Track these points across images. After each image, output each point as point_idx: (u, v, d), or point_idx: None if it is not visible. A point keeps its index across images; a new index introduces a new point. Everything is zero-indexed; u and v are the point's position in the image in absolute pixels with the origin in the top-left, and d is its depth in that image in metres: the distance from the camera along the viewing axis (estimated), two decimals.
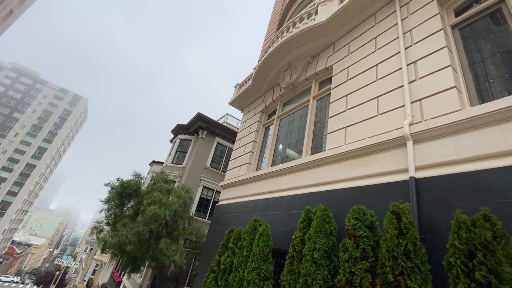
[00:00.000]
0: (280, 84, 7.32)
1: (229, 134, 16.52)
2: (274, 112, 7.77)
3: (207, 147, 15.96)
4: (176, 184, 14.38)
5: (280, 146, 6.97)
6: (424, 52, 3.72)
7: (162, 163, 18.87)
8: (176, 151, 16.50)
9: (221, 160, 16.30)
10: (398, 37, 4.25)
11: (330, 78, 5.65)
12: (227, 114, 16.97)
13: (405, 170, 3.20)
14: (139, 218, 10.27)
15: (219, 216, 7.13)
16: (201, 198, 14.93)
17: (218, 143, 16.36)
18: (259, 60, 7.97)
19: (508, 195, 2.30)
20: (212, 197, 15.33)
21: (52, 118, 75.66)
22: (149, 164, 21.40)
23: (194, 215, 13.69)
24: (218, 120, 17.31)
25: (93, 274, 40.26)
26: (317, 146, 5.44)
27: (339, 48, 5.67)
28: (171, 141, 18.83)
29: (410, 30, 4.15)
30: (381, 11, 4.96)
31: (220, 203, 7.56)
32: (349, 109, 4.61)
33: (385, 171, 3.48)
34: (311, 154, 5.38)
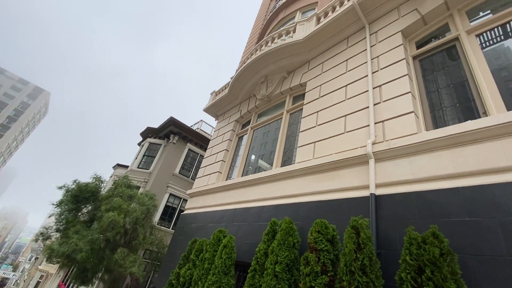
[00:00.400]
0: (256, 95, 7.41)
1: (202, 141, 16.21)
2: (248, 122, 7.79)
3: (178, 153, 15.45)
4: (141, 190, 13.61)
5: (253, 157, 6.96)
6: (388, 77, 4.01)
7: (127, 166, 17.83)
8: (144, 155, 15.74)
9: (191, 167, 15.84)
10: (366, 62, 4.55)
11: (304, 94, 5.84)
12: (201, 120, 16.69)
13: (367, 187, 3.35)
14: (94, 225, 9.47)
15: (184, 225, 6.83)
16: (166, 206, 14.25)
17: (189, 149, 15.93)
18: (237, 70, 8.03)
19: (454, 215, 2.49)
20: (178, 206, 14.72)
21: (6, 110, 68.50)
22: (113, 167, 20.10)
23: (157, 224, 12.98)
24: (192, 126, 16.95)
25: (36, 287, 35.94)
26: (288, 159, 5.52)
27: (314, 66, 5.92)
28: (139, 144, 17.96)
29: (377, 57, 4.48)
30: (353, 36, 5.30)
31: (185, 212, 7.26)
32: (319, 125, 4.77)
33: (348, 187, 3.61)
34: (282, 166, 5.44)
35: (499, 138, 2.52)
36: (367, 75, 4.37)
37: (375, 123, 3.73)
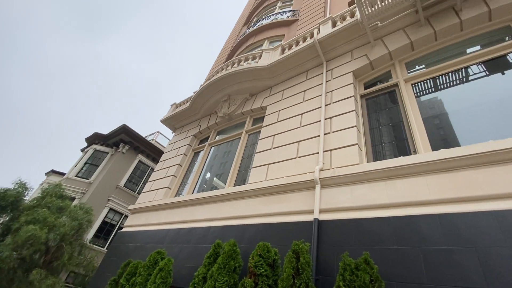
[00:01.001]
0: (218, 112, 7.38)
1: (156, 154, 15.29)
2: (206, 139, 7.63)
3: (126, 164, 14.25)
4: (75, 202, 12.01)
5: (208, 174, 6.74)
6: (338, 111, 4.35)
7: (63, 174, 15.75)
8: (86, 163, 14.14)
9: (139, 181, 14.65)
10: (321, 95, 4.91)
11: (263, 117, 5.99)
12: (158, 132, 15.87)
13: (312, 211, 3.43)
14: (7, 239, 7.93)
15: (119, 245, 6.10)
16: (104, 222, 12.70)
17: (140, 161, 14.83)
18: (201, 85, 7.98)
19: (386, 243, 2.66)
20: (118, 223, 13.26)
21: None
22: (46, 174, 17.55)
23: (90, 242, 11.40)
24: (147, 136, 15.99)
25: None
26: (242, 179, 5.46)
27: (275, 92, 6.18)
28: (82, 150, 16.16)
29: (331, 91, 4.87)
30: (312, 70, 5.73)
31: (124, 229, 6.54)
32: (274, 148, 4.87)
33: (295, 210, 3.66)
34: (235, 186, 5.34)
35: (424, 174, 2.85)
36: (320, 107, 4.69)
37: (324, 151, 3.95)
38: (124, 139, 14.18)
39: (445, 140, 3.42)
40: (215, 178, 6.54)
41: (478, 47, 3.96)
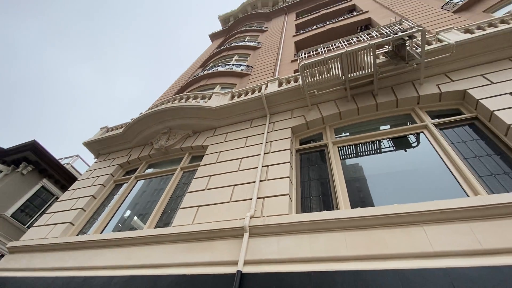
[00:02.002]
0: (154, 144, 6.87)
1: (67, 181, 12.85)
2: (134, 171, 6.86)
3: (23, 189, 11.46)
4: None
5: (127, 212, 5.84)
6: (275, 161, 4.54)
7: None
8: None
9: (36, 211, 11.73)
10: (261, 143, 5.11)
11: (202, 156, 5.81)
12: (77, 156, 13.64)
13: (236, 263, 3.18)
14: None
15: None
16: None
17: (43, 187, 12.14)
18: (141, 113, 7.49)
19: None
20: None
21: None
22: None
23: None
24: (62, 159, 13.55)
25: None
26: (166, 221, 4.88)
27: (219, 133, 6.19)
28: None
29: (271, 142, 5.12)
30: (256, 120, 6.04)
31: None
32: (208, 189, 4.64)
33: (218, 261, 3.33)
34: (156, 227, 4.72)
35: (344, 230, 3.01)
36: (260, 154, 4.82)
37: (258, 198, 3.92)
38: (29, 157, 11.68)
39: (364, 202, 3.80)
40: (135, 217, 5.71)
41: (388, 126, 4.85)
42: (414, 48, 4.77)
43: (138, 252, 3.99)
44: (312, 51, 5.72)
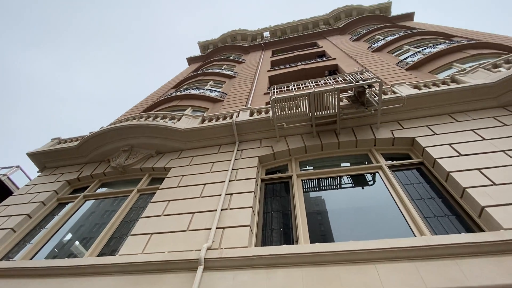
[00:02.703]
0: (111, 161, 6.39)
1: (1, 196, 11.08)
2: (83, 189, 6.22)
3: None
4: None
5: (68, 236, 5.15)
6: (239, 189, 4.47)
7: None
8: None
9: None
10: (228, 170, 5.04)
11: (164, 179, 5.51)
12: (18, 167, 11.96)
13: None
14: None
15: None
16: None
17: None
18: (102, 127, 7.02)
19: None
20: None
21: None
22: None
23: None
24: None
25: None
26: (113, 248, 4.39)
27: (184, 156, 6.00)
28: None
29: (237, 169, 5.09)
30: (225, 146, 6.02)
31: None
32: (165, 215, 4.34)
33: None
34: (99, 255, 4.21)
35: (301, 266, 2.97)
36: (224, 181, 4.73)
37: (217, 228, 3.75)
38: None
39: (324, 235, 3.84)
40: (77, 242, 5.05)
41: (348, 164, 5.15)
42: (372, 96, 5.32)
43: (73, 285, 3.46)
44: (284, 87, 6.07)
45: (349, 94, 5.65)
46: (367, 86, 5.09)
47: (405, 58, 9.66)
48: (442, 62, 8.26)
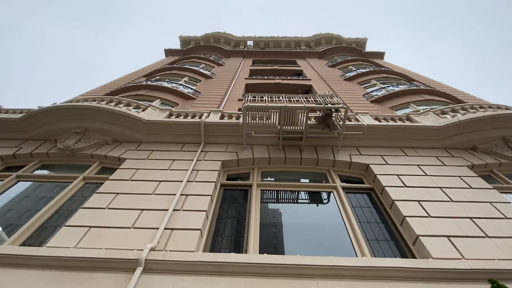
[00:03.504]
0: (58, 142, 5.77)
1: None
2: (18, 168, 5.48)
3: None
4: None
5: None
6: (196, 191, 4.32)
7: None
8: None
9: None
10: (188, 170, 4.86)
11: (116, 169, 5.11)
12: None
13: None
14: None
15: None
16: None
17: None
18: (55, 103, 6.32)
19: None
20: None
21: None
22: None
23: None
24: None
25: None
26: (41, 239, 3.88)
27: (143, 149, 5.66)
28: None
29: (198, 170, 4.93)
30: (189, 145, 5.82)
31: None
32: (110, 208, 3.99)
33: None
34: (22, 244, 3.69)
35: (245, 276, 2.93)
36: (182, 181, 4.54)
37: (165, 229, 3.55)
38: None
39: (275, 248, 3.84)
40: (2, 228, 4.38)
41: (307, 180, 5.32)
42: (338, 120, 5.63)
43: None
44: (258, 97, 6.13)
45: (317, 115, 5.92)
46: (334, 110, 5.38)
47: (372, 91, 10.49)
48: (402, 101, 9.13)
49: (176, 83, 10.50)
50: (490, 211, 4.04)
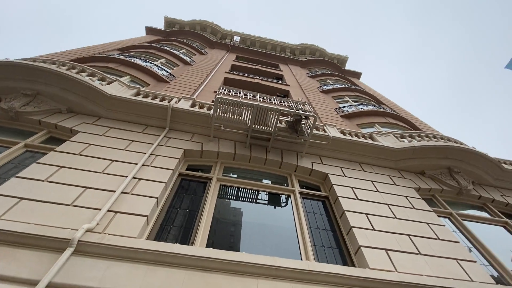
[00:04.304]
0: (2, 101, 5.12)
1: None
2: None
3: None
4: None
5: None
6: (150, 176, 4.11)
7: None
8: None
9: None
10: (146, 154, 4.61)
11: (65, 141, 4.67)
12: None
13: (36, 284, 2.40)
14: None
15: None
16: None
17: None
18: (7, 58, 5.59)
19: None
20: None
21: None
22: None
23: None
24: None
25: None
26: None
27: (100, 124, 5.25)
28: None
29: (156, 155, 4.70)
30: (152, 128, 5.52)
31: None
32: (49, 181, 3.62)
33: (13, 276, 2.44)
34: None
35: (185, 268, 2.83)
36: (137, 164, 4.29)
37: (109, 210, 3.30)
38: None
39: (224, 244, 3.77)
40: None
41: (269, 181, 5.35)
42: (306, 128, 5.76)
43: None
44: (233, 91, 6.05)
45: (288, 119, 6.00)
46: (304, 117, 5.50)
47: (343, 107, 10.96)
48: (368, 120, 9.67)
49: (151, 63, 9.98)
50: (426, 231, 4.41)
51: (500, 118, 76.17)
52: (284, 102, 5.91)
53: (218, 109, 5.31)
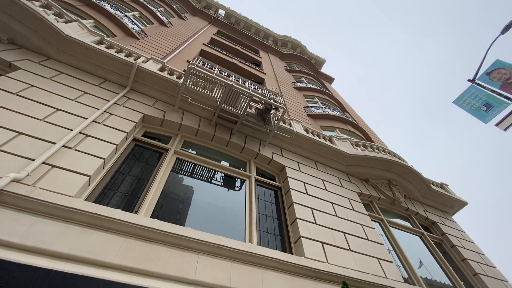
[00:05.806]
0: None
1: None
2: None
3: None
4: None
5: None
6: (100, 135, 3.76)
7: None
8: None
9: None
10: (99, 110, 4.17)
11: (7, 79, 3.97)
12: None
13: None
14: None
15: None
16: None
17: None
18: None
19: None
20: None
21: None
22: None
23: None
24: None
25: None
26: None
27: (49, 66, 4.57)
28: None
29: (111, 114, 4.30)
30: (111, 84, 4.99)
31: None
32: None
33: None
34: None
35: (124, 235, 2.70)
36: (87, 119, 3.87)
37: (44, 163, 2.95)
38: None
39: (170, 217, 3.67)
40: None
41: (228, 164, 5.32)
42: (274, 118, 5.83)
43: None
44: (208, 65, 5.78)
45: (258, 107, 5.99)
46: (274, 107, 5.54)
47: (312, 107, 11.35)
48: (331, 124, 10.20)
49: (123, 13, 8.96)
50: (359, 231, 4.90)
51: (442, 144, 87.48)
52: (258, 88, 5.86)
53: (189, 80, 5.04)
